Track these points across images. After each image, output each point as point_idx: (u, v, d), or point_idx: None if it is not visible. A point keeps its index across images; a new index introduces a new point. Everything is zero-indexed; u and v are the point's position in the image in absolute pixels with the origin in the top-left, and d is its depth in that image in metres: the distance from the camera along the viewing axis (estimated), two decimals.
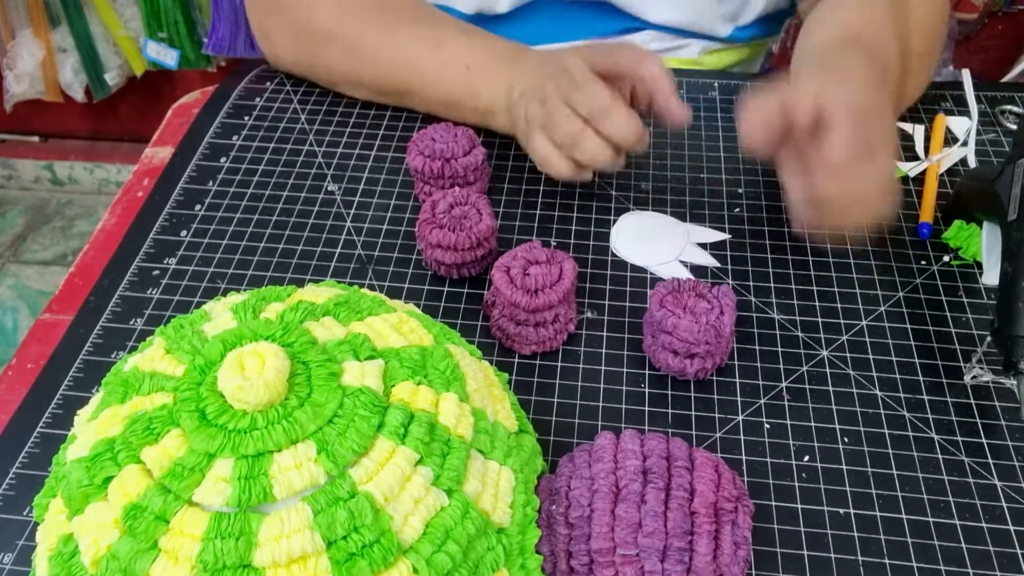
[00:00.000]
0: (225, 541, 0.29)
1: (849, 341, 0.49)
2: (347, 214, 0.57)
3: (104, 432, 0.32)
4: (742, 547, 0.35)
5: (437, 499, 0.31)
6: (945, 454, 0.43)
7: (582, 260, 0.53)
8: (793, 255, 0.54)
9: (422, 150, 0.54)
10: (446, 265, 0.51)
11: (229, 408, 0.31)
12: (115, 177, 1.81)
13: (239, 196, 0.58)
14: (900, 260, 0.53)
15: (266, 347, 0.32)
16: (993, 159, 0.60)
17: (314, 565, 0.29)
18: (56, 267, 1.68)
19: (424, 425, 0.32)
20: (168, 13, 1.40)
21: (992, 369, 0.45)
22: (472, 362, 0.38)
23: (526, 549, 0.34)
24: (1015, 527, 0.41)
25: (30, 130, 1.80)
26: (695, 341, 0.44)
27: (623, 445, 0.37)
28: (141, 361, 0.34)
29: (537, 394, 0.46)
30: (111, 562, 0.29)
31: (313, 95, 0.67)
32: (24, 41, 1.48)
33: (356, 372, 0.33)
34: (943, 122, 0.62)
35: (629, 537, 0.34)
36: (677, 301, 0.45)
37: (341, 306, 0.37)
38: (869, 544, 0.40)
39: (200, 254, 0.54)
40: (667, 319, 0.44)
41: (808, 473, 0.43)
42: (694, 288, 0.46)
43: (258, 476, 0.29)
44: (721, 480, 0.36)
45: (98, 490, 0.31)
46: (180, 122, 0.66)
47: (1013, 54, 1.31)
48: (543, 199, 0.58)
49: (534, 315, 0.46)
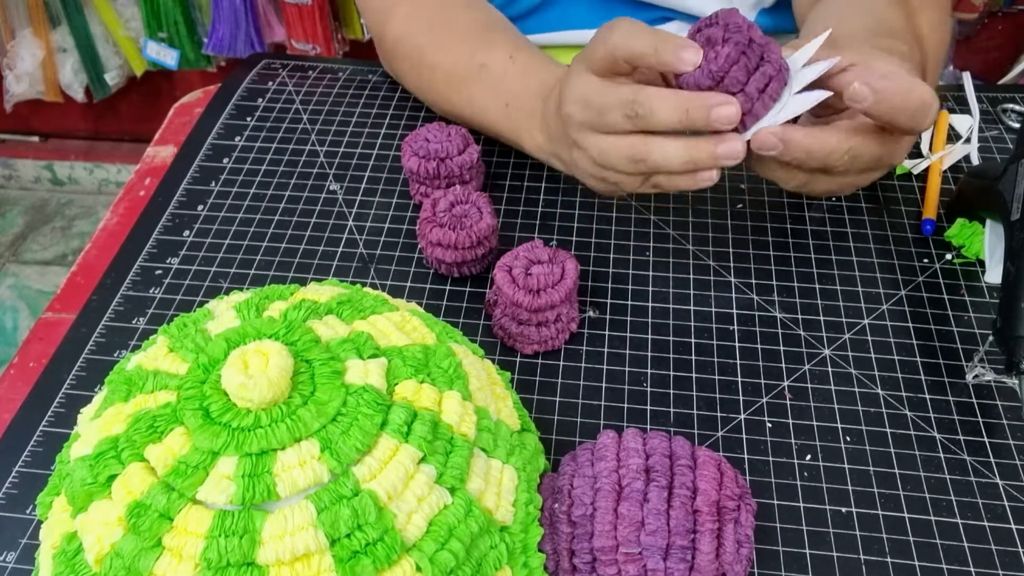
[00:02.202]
0: (229, 539, 0.29)
1: (851, 340, 0.49)
2: (349, 213, 0.57)
3: (108, 430, 0.32)
4: (745, 545, 0.35)
5: (440, 497, 0.31)
6: (947, 453, 0.43)
7: (584, 259, 0.53)
8: (795, 252, 0.54)
9: (416, 151, 0.54)
10: (447, 264, 0.51)
11: (233, 406, 0.31)
12: (115, 177, 1.81)
13: (242, 196, 0.58)
14: (902, 258, 0.53)
15: (269, 345, 0.32)
16: (996, 156, 0.60)
17: (318, 563, 0.29)
18: (56, 267, 1.68)
19: (427, 423, 0.32)
20: (168, 13, 1.40)
21: (994, 368, 0.45)
22: (474, 361, 0.38)
23: (529, 547, 0.34)
24: (1017, 526, 0.41)
25: (30, 130, 1.80)
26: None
27: (625, 443, 0.37)
28: (144, 359, 0.34)
29: (539, 393, 0.46)
30: (115, 560, 0.30)
31: (315, 95, 0.67)
32: (24, 41, 1.48)
33: (359, 370, 0.33)
34: (946, 119, 0.62)
35: (632, 535, 0.34)
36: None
37: (344, 305, 0.37)
38: (871, 543, 0.40)
39: (203, 254, 0.54)
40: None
41: (810, 472, 0.43)
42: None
43: (262, 474, 0.29)
44: (724, 478, 0.36)
45: (102, 488, 0.31)
46: (182, 121, 0.66)
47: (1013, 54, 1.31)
48: (545, 197, 0.58)
49: (536, 315, 0.46)
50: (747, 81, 0.40)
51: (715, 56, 0.40)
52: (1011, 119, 0.64)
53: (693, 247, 0.54)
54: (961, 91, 0.65)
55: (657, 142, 0.42)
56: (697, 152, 0.42)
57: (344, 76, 0.69)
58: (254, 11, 1.35)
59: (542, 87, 0.53)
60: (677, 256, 0.54)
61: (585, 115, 0.45)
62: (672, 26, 0.71)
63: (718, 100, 0.40)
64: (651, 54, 0.41)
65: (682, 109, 0.41)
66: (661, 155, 0.42)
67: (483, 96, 0.57)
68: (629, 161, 0.43)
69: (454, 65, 0.59)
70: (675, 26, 0.71)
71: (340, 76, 0.69)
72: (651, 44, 0.41)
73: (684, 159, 0.42)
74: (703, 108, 0.40)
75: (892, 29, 0.51)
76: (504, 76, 0.56)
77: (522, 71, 0.55)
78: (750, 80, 0.40)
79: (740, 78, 0.40)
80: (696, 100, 0.40)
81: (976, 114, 0.62)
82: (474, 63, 0.57)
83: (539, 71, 0.54)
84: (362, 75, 0.69)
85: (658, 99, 0.41)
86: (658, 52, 0.41)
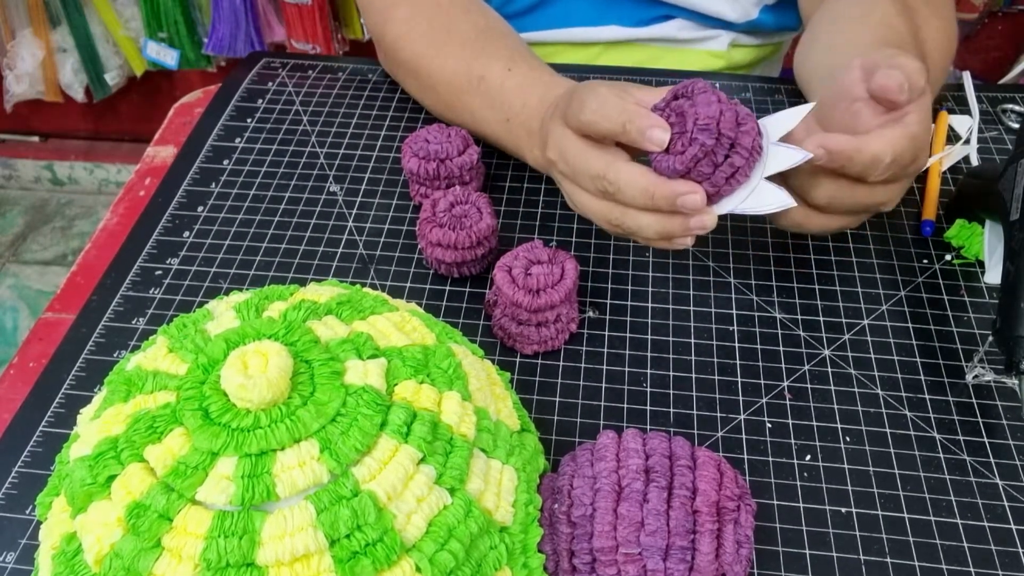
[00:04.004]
0: (228, 539, 0.29)
1: (851, 340, 0.49)
2: (349, 214, 0.57)
3: (107, 431, 0.32)
4: (744, 546, 0.35)
5: (440, 498, 0.31)
6: (947, 453, 0.43)
7: (584, 259, 0.53)
8: (795, 253, 0.54)
9: (416, 152, 0.54)
10: (446, 264, 0.51)
11: (232, 407, 0.31)
12: (115, 177, 1.81)
13: (242, 197, 0.58)
14: (902, 259, 0.53)
15: (269, 346, 0.32)
16: (996, 156, 0.60)
17: (317, 564, 0.29)
18: (56, 267, 1.68)
19: (427, 424, 0.32)
20: (168, 13, 1.40)
21: (994, 369, 0.45)
22: (474, 361, 0.38)
23: (528, 548, 0.34)
24: (1016, 526, 0.41)
25: (30, 130, 1.80)
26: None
27: (625, 444, 0.37)
28: (144, 360, 0.34)
29: (539, 393, 0.46)
30: (114, 560, 0.30)
31: (315, 95, 0.67)
32: (24, 41, 1.48)
33: (359, 371, 0.33)
34: (945, 120, 0.62)
35: (631, 536, 0.34)
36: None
37: (343, 305, 0.37)
38: (871, 543, 0.40)
39: (203, 254, 0.54)
40: None
41: (810, 472, 0.43)
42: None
43: (261, 475, 0.29)
44: (723, 479, 0.36)
45: (101, 489, 0.31)
46: (182, 121, 0.66)
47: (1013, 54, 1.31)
48: (544, 198, 0.58)
49: (536, 315, 0.46)
50: (713, 172, 0.41)
51: (682, 149, 0.41)
52: (1011, 119, 0.64)
53: (693, 248, 0.54)
54: (961, 91, 0.65)
55: (631, 212, 0.43)
56: (670, 224, 0.43)
57: (344, 75, 0.69)
58: (254, 11, 1.35)
59: (540, 104, 0.53)
60: (677, 256, 0.54)
61: (564, 168, 0.46)
62: (673, 24, 0.71)
63: (684, 189, 0.41)
64: (620, 134, 0.42)
65: (648, 194, 0.42)
66: (635, 224, 0.43)
67: (482, 108, 0.57)
68: (605, 220, 0.45)
69: (452, 75, 0.58)
70: (676, 24, 0.71)
71: (340, 76, 0.69)
72: (620, 123, 0.42)
73: (657, 230, 0.43)
74: (669, 196, 0.41)
75: (899, 40, 0.51)
76: (502, 90, 0.55)
77: (519, 86, 0.55)
78: (716, 171, 0.41)
79: (706, 171, 0.41)
80: (662, 187, 0.41)
81: (976, 114, 0.62)
82: (472, 74, 0.57)
83: (536, 86, 0.54)
84: (362, 74, 0.69)
85: (626, 179, 0.42)
86: (627, 132, 0.42)
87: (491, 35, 0.60)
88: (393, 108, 0.65)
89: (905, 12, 0.53)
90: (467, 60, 0.58)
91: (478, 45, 0.59)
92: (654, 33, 0.71)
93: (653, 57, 0.73)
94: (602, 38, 0.72)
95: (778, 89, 0.67)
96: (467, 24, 0.60)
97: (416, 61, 0.61)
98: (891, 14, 0.53)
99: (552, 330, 0.47)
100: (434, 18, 0.61)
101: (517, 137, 0.55)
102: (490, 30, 0.60)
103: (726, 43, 0.73)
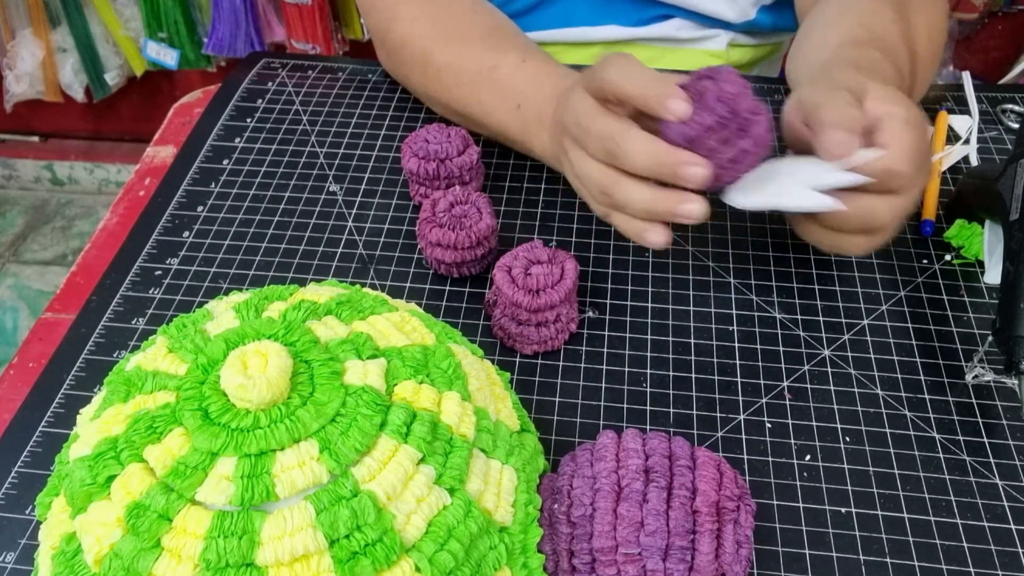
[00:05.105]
0: (228, 540, 0.29)
1: (850, 340, 0.49)
2: (348, 214, 0.57)
3: (107, 431, 0.32)
4: (744, 546, 0.35)
5: (439, 498, 0.31)
6: (947, 453, 0.43)
7: (583, 259, 0.53)
8: (795, 253, 0.54)
9: (416, 152, 0.54)
10: (446, 264, 0.51)
11: (232, 407, 0.31)
12: (115, 177, 1.81)
13: (241, 197, 0.58)
14: (902, 259, 0.53)
15: (269, 346, 0.32)
16: (996, 156, 0.60)
17: (317, 564, 0.29)
18: (56, 267, 1.68)
19: (426, 424, 0.32)
20: (168, 13, 1.40)
21: (994, 369, 0.45)
22: (474, 361, 0.38)
23: (528, 548, 0.34)
24: (1016, 526, 0.41)
25: (30, 130, 1.80)
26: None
27: (625, 444, 0.37)
28: (144, 360, 0.34)
29: (539, 393, 0.46)
30: (114, 561, 0.30)
31: (315, 95, 0.67)
32: (24, 41, 1.48)
33: (358, 371, 0.33)
34: (945, 120, 0.62)
35: (631, 536, 0.34)
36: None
37: (343, 305, 0.37)
38: (871, 543, 0.40)
39: (202, 254, 0.54)
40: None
41: (810, 472, 0.43)
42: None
43: (261, 475, 0.29)
44: (723, 479, 0.36)
45: (101, 489, 0.31)
46: (182, 121, 0.67)
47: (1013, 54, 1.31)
48: (544, 198, 0.58)
49: (536, 315, 0.46)
50: (719, 148, 0.41)
51: (693, 119, 0.41)
52: (1010, 119, 0.64)
53: (692, 248, 0.54)
54: (961, 91, 0.65)
55: (625, 182, 0.43)
56: (657, 204, 0.42)
57: (344, 76, 0.69)
58: (254, 11, 1.36)
59: (554, 91, 0.53)
60: (676, 257, 0.54)
61: (575, 131, 0.46)
62: (672, 24, 0.71)
63: (690, 159, 0.41)
64: (640, 97, 0.42)
65: (654, 159, 0.41)
66: (625, 195, 0.43)
67: (492, 97, 0.57)
68: (598, 189, 0.45)
69: (464, 65, 0.58)
70: (675, 24, 0.71)
71: (340, 76, 0.69)
72: (642, 86, 0.42)
73: (644, 206, 0.43)
74: (673, 164, 0.41)
75: (877, 36, 0.51)
76: (516, 78, 0.56)
77: (534, 75, 0.55)
78: (722, 148, 0.41)
79: (712, 144, 0.41)
80: (669, 155, 0.41)
81: (975, 114, 0.62)
82: (485, 64, 0.57)
83: (551, 76, 0.54)
84: (362, 74, 0.69)
85: (635, 143, 0.42)
86: (647, 98, 0.42)
87: (501, 32, 0.60)
88: (393, 108, 0.65)
89: (892, 6, 0.54)
90: (479, 52, 0.58)
91: (490, 40, 0.59)
92: (653, 33, 0.71)
93: (652, 57, 0.73)
94: (601, 38, 0.72)
95: (777, 89, 0.67)
96: (475, 21, 0.61)
97: (425, 55, 0.61)
98: (867, 12, 0.53)
99: (552, 330, 0.47)
100: (442, 16, 0.61)
101: (526, 123, 0.55)
102: (499, 28, 0.61)
103: (725, 43, 0.73)
